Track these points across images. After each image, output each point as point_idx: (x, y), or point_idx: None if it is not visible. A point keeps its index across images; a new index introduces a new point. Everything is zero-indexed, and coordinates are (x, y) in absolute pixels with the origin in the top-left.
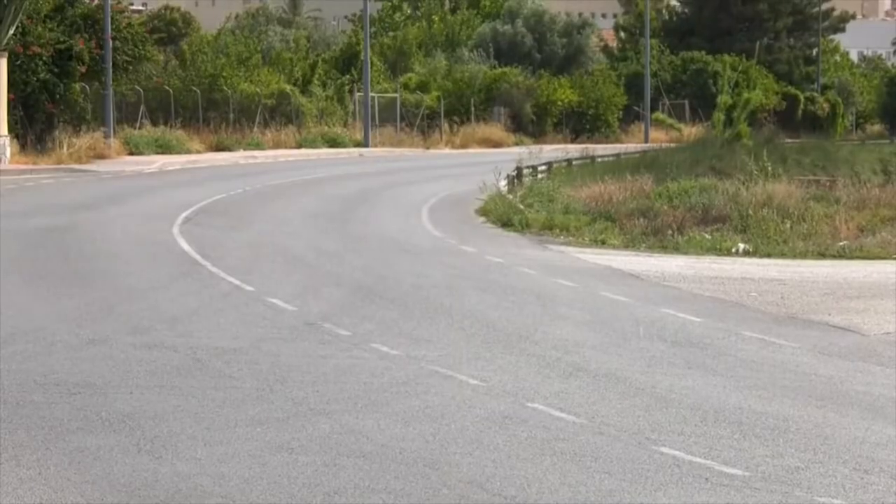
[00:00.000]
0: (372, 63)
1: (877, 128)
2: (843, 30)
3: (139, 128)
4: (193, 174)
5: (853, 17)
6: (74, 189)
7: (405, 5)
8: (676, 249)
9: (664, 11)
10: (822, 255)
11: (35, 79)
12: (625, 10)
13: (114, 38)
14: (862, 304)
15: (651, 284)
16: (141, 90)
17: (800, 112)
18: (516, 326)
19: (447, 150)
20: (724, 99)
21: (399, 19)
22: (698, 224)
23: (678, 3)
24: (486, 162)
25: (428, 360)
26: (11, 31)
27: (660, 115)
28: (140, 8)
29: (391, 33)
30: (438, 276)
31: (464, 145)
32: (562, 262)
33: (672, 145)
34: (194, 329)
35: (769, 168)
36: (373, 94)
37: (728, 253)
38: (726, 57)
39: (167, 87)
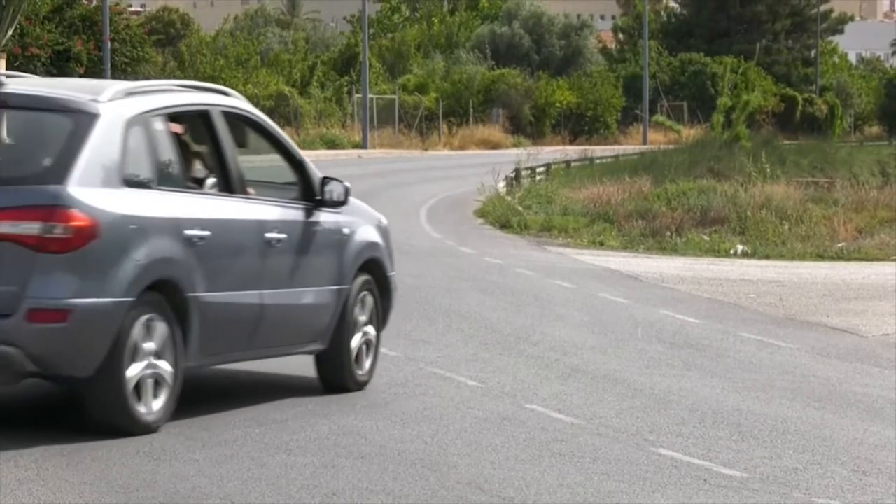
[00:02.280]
0: (370, 64)
1: (875, 129)
2: (841, 31)
3: None
4: None
5: (851, 18)
6: None
7: (404, 7)
8: (675, 251)
9: (663, 13)
10: (820, 257)
11: None
12: (623, 12)
13: (112, 40)
14: (860, 306)
15: (649, 286)
16: None
17: (798, 113)
18: (515, 328)
19: (445, 152)
20: (723, 101)
21: (398, 21)
22: (697, 225)
23: (677, 5)
24: (484, 163)
25: (426, 361)
26: (10, 33)
27: (660, 117)
28: (138, 9)
29: (390, 35)
30: (437, 277)
31: (462, 147)
32: (560, 264)
33: (671, 147)
34: None
35: (767, 169)
36: (371, 96)
37: (726, 254)
38: (726, 59)
39: None
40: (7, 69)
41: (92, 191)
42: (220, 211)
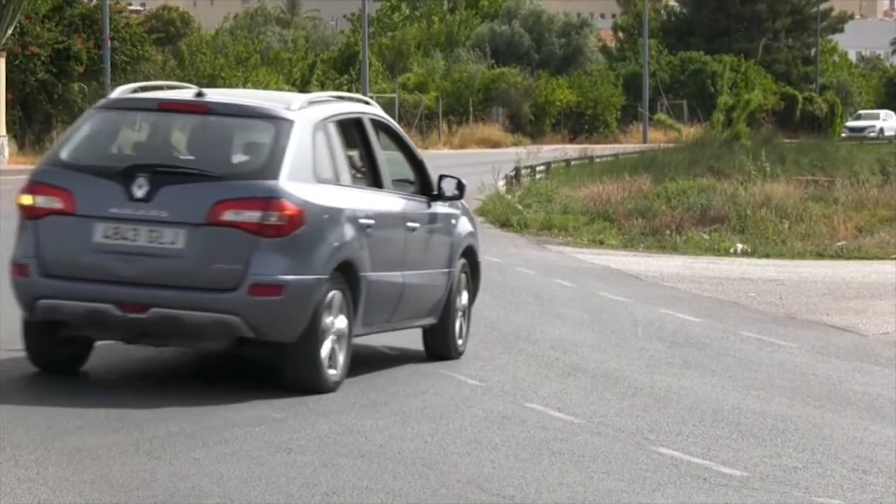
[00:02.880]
0: (370, 63)
1: None
2: (841, 30)
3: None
4: None
5: (851, 17)
6: None
7: (404, 5)
8: (675, 250)
9: (663, 12)
10: (820, 256)
11: (33, 79)
12: (623, 11)
13: (112, 38)
14: (860, 305)
15: (649, 284)
16: None
17: (798, 112)
18: (515, 326)
19: (445, 151)
20: (724, 100)
21: (398, 19)
22: (697, 224)
23: (676, 4)
24: (484, 162)
25: (426, 359)
26: (10, 31)
27: (661, 115)
28: (138, 8)
29: (390, 33)
30: None
31: (462, 145)
32: (560, 262)
33: (671, 145)
34: None
35: (767, 168)
36: (371, 94)
37: (726, 253)
38: (726, 57)
39: None
40: (7, 68)
41: (297, 185)
42: (378, 203)
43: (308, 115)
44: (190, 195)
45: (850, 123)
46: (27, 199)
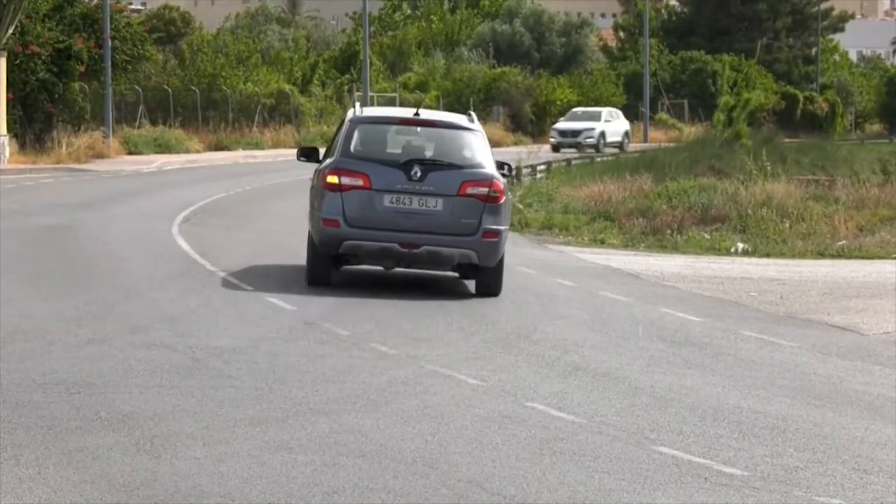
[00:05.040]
0: (371, 62)
1: (876, 127)
2: (842, 29)
3: (138, 127)
4: (192, 174)
5: (852, 16)
6: (73, 188)
7: (405, 5)
8: (675, 249)
9: (663, 11)
10: (821, 255)
11: (34, 78)
12: (624, 10)
13: (113, 38)
14: (861, 304)
15: (650, 284)
16: (140, 90)
17: (799, 112)
18: (515, 326)
19: None
20: (725, 100)
21: (399, 19)
22: (697, 224)
23: (677, 3)
24: None
25: (427, 359)
26: (10, 31)
27: (663, 115)
28: (139, 7)
29: (390, 33)
30: (437, 275)
31: None
32: (561, 262)
33: (671, 145)
34: (193, 328)
35: (768, 168)
36: (372, 94)
37: (727, 252)
38: (726, 57)
39: (166, 87)
40: (7, 67)
41: (495, 171)
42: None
43: (478, 126)
44: (446, 177)
45: (561, 125)
46: (334, 179)
